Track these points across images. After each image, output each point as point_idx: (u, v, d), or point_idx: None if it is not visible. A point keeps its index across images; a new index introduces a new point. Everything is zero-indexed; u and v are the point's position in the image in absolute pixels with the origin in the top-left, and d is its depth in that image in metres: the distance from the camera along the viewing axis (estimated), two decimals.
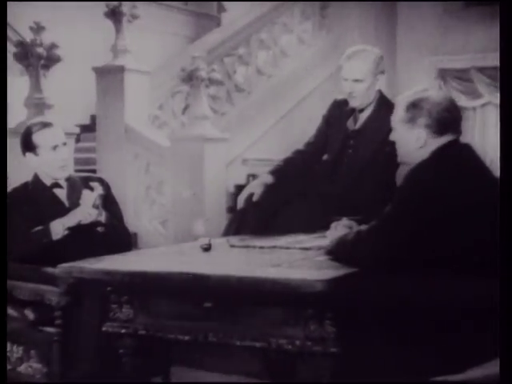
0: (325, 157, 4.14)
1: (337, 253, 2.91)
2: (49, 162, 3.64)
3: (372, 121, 3.99)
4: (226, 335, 2.82)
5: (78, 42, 7.62)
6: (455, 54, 9.90)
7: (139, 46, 6.97)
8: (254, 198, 3.95)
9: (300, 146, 4.32)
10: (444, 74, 10.22)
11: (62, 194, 3.70)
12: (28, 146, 3.65)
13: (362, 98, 3.96)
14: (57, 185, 3.70)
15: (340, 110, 4.12)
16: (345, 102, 4.12)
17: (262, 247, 3.32)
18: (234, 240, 3.54)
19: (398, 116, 2.95)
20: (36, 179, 3.71)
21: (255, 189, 3.97)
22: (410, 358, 2.67)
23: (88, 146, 7.08)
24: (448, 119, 2.88)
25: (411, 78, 10.11)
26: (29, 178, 3.77)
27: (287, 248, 3.28)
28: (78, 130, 6.42)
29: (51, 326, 3.22)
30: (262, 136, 8.06)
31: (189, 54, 7.11)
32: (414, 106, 2.89)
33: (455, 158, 2.84)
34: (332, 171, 4.04)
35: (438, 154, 2.85)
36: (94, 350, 3.21)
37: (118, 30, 6.67)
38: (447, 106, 2.91)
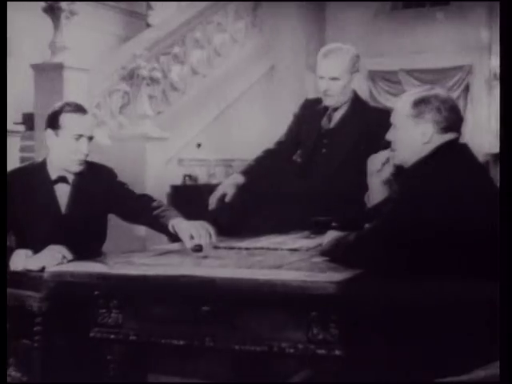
0: (297, 156, 4.09)
1: (335, 254, 2.87)
2: (66, 150, 3.32)
3: (347, 120, 3.94)
4: (223, 340, 2.74)
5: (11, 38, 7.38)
6: (384, 56, 10.04)
7: (74, 43, 6.79)
8: (227, 199, 3.87)
9: (239, 145, 4.27)
10: (373, 76, 10.36)
11: (63, 191, 3.41)
12: (53, 122, 3.33)
13: (337, 96, 3.90)
14: (62, 179, 3.40)
15: (312, 109, 4.05)
16: (317, 101, 4.06)
17: (247, 248, 3.25)
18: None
19: (403, 112, 2.91)
20: (41, 167, 3.41)
21: (227, 189, 3.88)
22: (414, 360, 2.65)
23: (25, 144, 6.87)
24: (454, 117, 2.88)
25: None
26: None
27: (275, 249, 3.21)
28: (23, 128, 6.22)
29: (31, 333, 3.07)
30: (197, 135, 7.99)
31: (124, 52, 7.00)
32: (423, 102, 2.86)
33: (455, 157, 2.84)
34: (305, 171, 3.99)
35: (440, 151, 2.84)
36: (77, 357, 3.07)
37: (57, 26, 6.48)
38: (453, 104, 2.91)
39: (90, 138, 3.36)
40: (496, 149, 8.69)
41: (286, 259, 2.97)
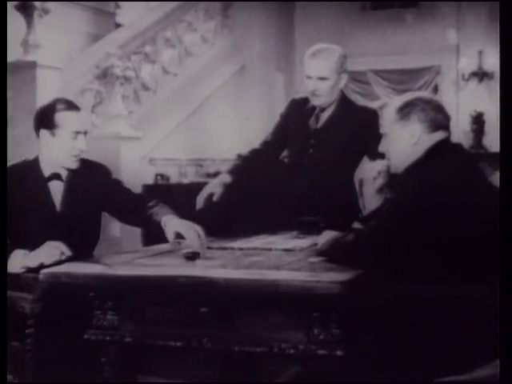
0: (284, 156, 4.07)
1: (333, 254, 2.85)
2: (64, 148, 3.26)
3: (334, 120, 3.91)
4: (222, 341, 2.71)
5: None
6: (353, 56, 10.04)
7: (45, 42, 6.71)
8: (215, 198, 3.83)
9: (210, 145, 4.24)
10: None
11: (58, 188, 3.34)
12: (47, 122, 3.25)
13: (325, 96, 3.87)
14: (56, 176, 3.33)
15: (299, 109, 4.02)
16: (304, 101, 4.02)
17: (241, 249, 3.22)
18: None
19: (390, 119, 2.93)
20: (34, 164, 3.34)
21: (215, 189, 3.84)
22: (414, 360, 2.65)
23: None
24: (440, 116, 2.89)
25: None
26: None
27: (269, 249, 3.19)
28: None
29: (23, 335, 3.01)
30: (168, 135, 7.95)
31: (96, 51, 6.94)
32: (408, 105, 2.89)
33: (449, 157, 2.84)
34: (293, 171, 3.96)
35: (433, 151, 2.85)
36: (70, 359, 3.02)
37: (29, 24, 6.39)
38: (438, 103, 2.94)
39: (85, 133, 3.31)
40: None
41: (283, 259, 2.95)
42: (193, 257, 2.97)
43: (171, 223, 3.27)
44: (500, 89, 2.76)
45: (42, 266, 3.04)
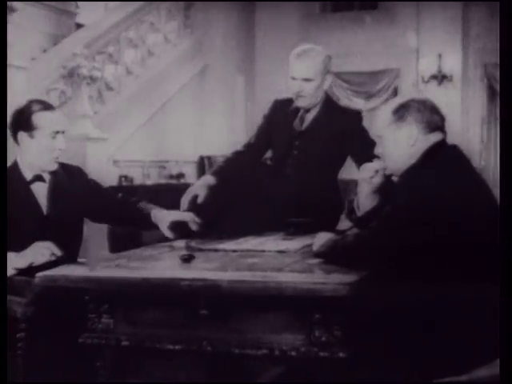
0: (268, 158, 4.05)
1: (332, 255, 2.85)
2: (44, 149, 3.21)
3: (319, 121, 3.90)
4: (222, 344, 2.69)
5: None
6: None
7: (9, 41, 6.61)
8: (199, 200, 3.79)
9: (173, 146, 4.21)
10: None
11: (41, 190, 3.29)
12: (24, 125, 3.19)
13: (310, 97, 3.86)
14: (38, 178, 3.27)
15: (283, 110, 4.00)
16: (288, 102, 4.01)
17: (234, 251, 3.20)
18: (192, 243, 3.39)
19: (385, 122, 2.93)
20: (14, 169, 3.27)
21: (199, 190, 3.81)
22: (417, 362, 2.66)
23: None
24: (435, 116, 2.91)
25: (270, 80, 10.23)
26: None
27: (262, 251, 3.17)
28: None
29: (14, 340, 2.95)
30: (131, 136, 7.89)
31: (61, 51, 6.86)
32: (402, 107, 2.90)
33: (447, 158, 2.86)
34: (277, 172, 3.95)
35: (431, 153, 2.86)
36: (63, 364, 2.98)
37: None
38: (432, 104, 2.95)
39: (63, 132, 3.29)
40: None
41: (280, 261, 2.94)
42: (188, 259, 2.95)
43: (162, 214, 3.32)
44: (500, 89, 2.77)
45: (31, 267, 3.02)
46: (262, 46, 10.40)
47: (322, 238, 3.00)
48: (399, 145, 2.90)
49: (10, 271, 3.04)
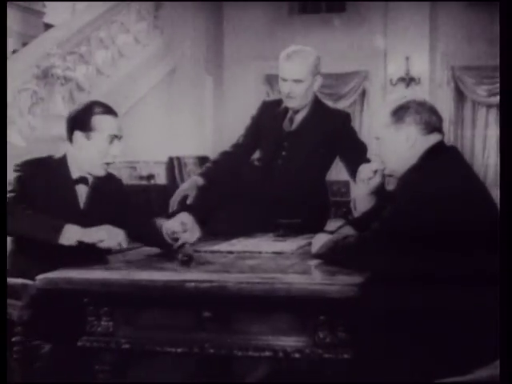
0: (256, 158, 4.04)
1: (333, 256, 2.85)
2: (98, 153, 3.14)
3: (308, 122, 3.91)
4: (225, 346, 2.67)
5: None
6: None
7: None
8: (189, 201, 3.79)
9: (143, 147, 4.19)
10: (270, 80, 10.41)
11: (81, 192, 3.23)
12: (83, 125, 3.13)
13: (300, 98, 3.86)
14: (83, 180, 3.21)
15: (272, 111, 4.00)
16: (276, 103, 4.02)
17: (231, 252, 3.18)
18: (186, 245, 3.37)
19: (383, 123, 2.94)
20: (62, 163, 3.19)
21: (188, 191, 3.81)
22: (419, 361, 2.67)
23: None
24: (434, 118, 2.92)
25: (238, 81, 10.25)
26: None
27: (259, 252, 3.16)
28: None
29: (10, 343, 2.90)
30: None
31: (32, 50, 6.78)
32: (401, 108, 2.91)
33: (447, 159, 2.88)
34: (266, 173, 3.94)
35: (430, 154, 2.88)
36: (61, 368, 2.93)
37: None
38: (430, 105, 2.96)
39: (120, 138, 3.23)
40: None
41: (280, 263, 2.94)
42: (188, 261, 2.93)
43: (165, 226, 3.26)
44: (500, 89, 2.79)
45: (94, 246, 2.99)
46: (231, 47, 10.40)
47: (320, 239, 2.99)
48: (398, 146, 2.91)
49: (73, 242, 2.98)
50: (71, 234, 2.98)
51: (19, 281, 2.91)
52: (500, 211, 2.60)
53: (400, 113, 2.90)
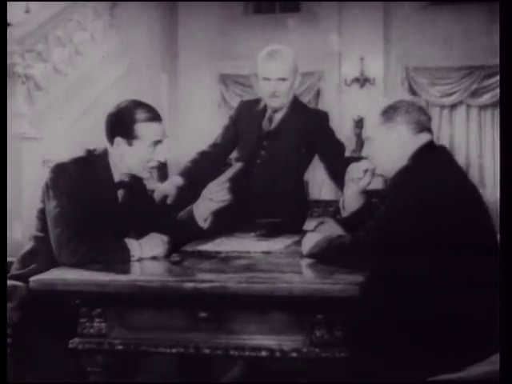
0: (235, 158, 4.04)
1: (327, 255, 2.86)
2: (140, 159, 3.06)
3: (287, 122, 3.90)
4: (221, 346, 2.67)
5: None
6: (236, 59, 10.11)
7: None
8: (169, 201, 3.77)
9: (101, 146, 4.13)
10: (225, 79, 10.41)
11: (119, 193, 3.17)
12: (125, 132, 3.03)
13: (284, 97, 3.87)
14: (123, 184, 3.15)
15: (250, 111, 3.99)
16: (255, 103, 4.02)
17: (219, 252, 3.17)
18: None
19: (373, 123, 2.98)
20: (104, 164, 3.09)
21: (168, 191, 3.79)
22: (416, 360, 2.70)
23: None
24: (423, 117, 2.97)
25: (193, 81, 10.22)
26: None
27: (248, 252, 3.16)
28: None
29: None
30: (61, 137, 7.73)
31: None
32: (391, 108, 2.96)
33: (437, 159, 2.92)
34: (245, 173, 3.94)
35: (421, 153, 2.92)
36: (52, 370, 2.90)
37: None
38: (420, 105, 3.03)
39: (161, 142, 3.15)
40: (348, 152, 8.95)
41: (273, 262, 2.96)
42: (179, 261, 2.92)
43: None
44: (500, 89, 2.82)
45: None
46: (186, 46, 10.36)
47: (311, 239, 3.01)
48: (389, 145, 2.95)
49: (131, 259, 2.98)
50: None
51: (10, 282, 2.88)
52: (500, 211, 2.64)
53: (390, 113, 2.95)
